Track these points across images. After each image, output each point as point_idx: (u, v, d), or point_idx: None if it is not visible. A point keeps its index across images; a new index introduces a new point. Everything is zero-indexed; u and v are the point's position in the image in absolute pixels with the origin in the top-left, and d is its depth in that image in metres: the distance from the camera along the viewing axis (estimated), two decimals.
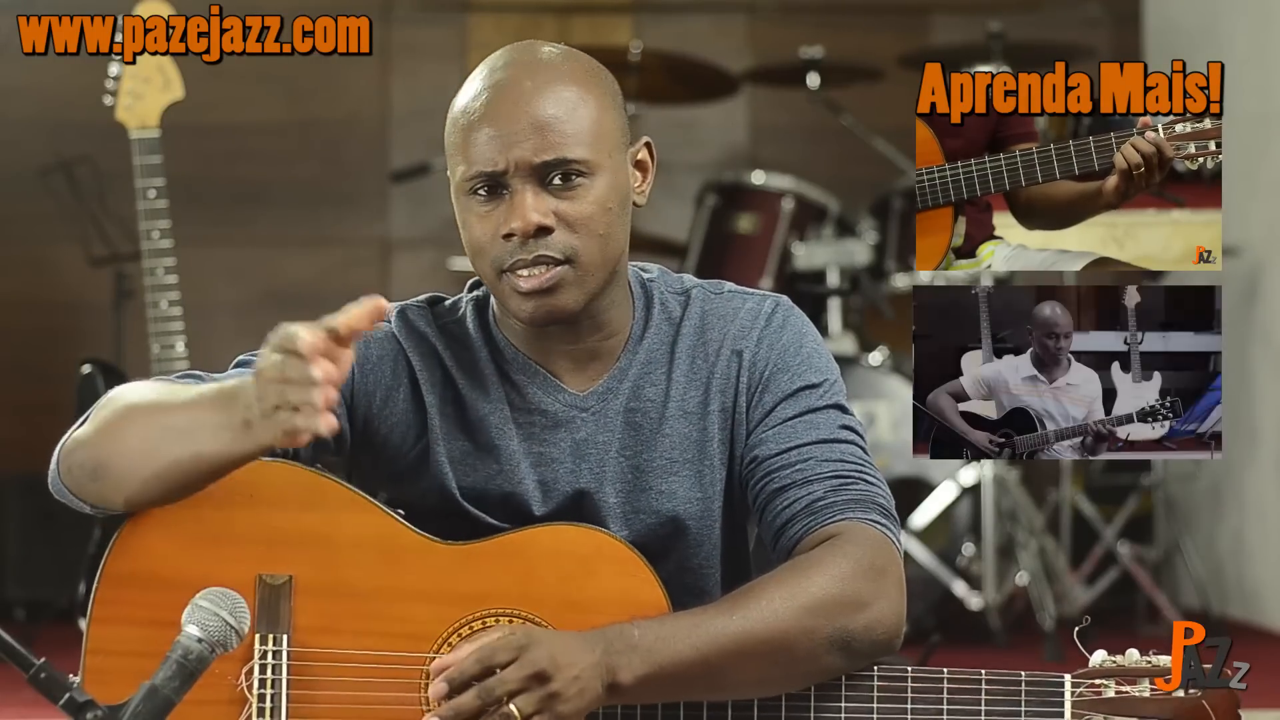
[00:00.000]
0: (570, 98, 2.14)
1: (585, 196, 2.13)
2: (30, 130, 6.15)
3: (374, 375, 2.22)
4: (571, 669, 1.95)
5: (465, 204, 2.16)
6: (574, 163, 2.13)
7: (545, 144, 2.12)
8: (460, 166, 2.15)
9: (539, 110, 2.12)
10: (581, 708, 1.97)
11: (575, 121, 2.14)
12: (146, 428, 2.04)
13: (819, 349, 2.25)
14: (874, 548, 2.09)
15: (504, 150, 2.11)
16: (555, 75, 2.16)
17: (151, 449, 2.03)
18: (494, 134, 2.12)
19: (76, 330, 6.13)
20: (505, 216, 2.12)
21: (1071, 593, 5.22)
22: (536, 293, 2.13)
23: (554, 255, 2.12)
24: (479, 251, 2.16)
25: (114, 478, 2.07)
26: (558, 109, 2.13)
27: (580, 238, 2.13)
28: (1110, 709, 2.04)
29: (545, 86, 2.14)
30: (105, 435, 2.07)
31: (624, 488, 2.21)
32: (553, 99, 2.13)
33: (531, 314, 2.15)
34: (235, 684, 2.07)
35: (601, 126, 2.16)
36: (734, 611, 2.02)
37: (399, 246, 6.44)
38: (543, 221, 2.11)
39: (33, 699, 1.82)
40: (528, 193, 2.12)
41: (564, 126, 2.13)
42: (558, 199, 2.13)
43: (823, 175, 5.73)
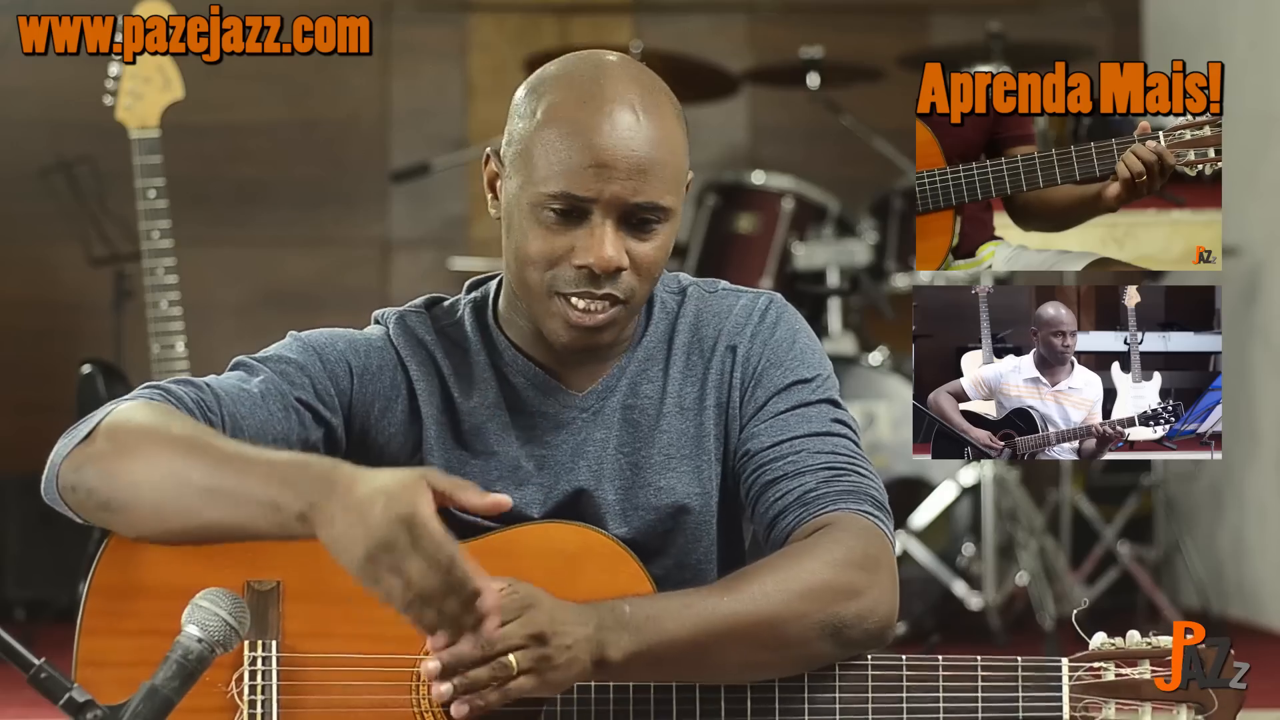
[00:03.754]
0: (669, 140, 2.11)
1: (656, 240, 2.12)
2: (30, 130, 6.15)
3: (373, 385, 2.21)
4: (566, 636, 1.95)
5: (531, 214, 2.10)
6: (661, 209, 2.11)
7: (644, 187, 2.08)
8: (539, 177, 2.09)
9: (642, 149, 2.08)
10: (569, 677, 1.96)
11: (672, 167, 2.11)
12: (183, 483, 1.97)
13: (811, 345, 2.25)
14: (867, 538, 2.09)
15: (602, 183, 2.07)
16: (656, 109, 2.11)
17: (187, 507, 1.97)
18: (593, 162, 2.07)
19: (76, 330, 6.13)
20: (583, 245, 2.08)
21: (1071, 593, 5.22)
22: (585, 327, 2.12)
23: (618, 295, 2.11)
24: (531, 264, 2.11)
25: (132, 519, 2.01)
26: (660, 152, 2.09)
27: (641, 280, 2.12)
28: (1110, 692, 2.03)
29: (648, 122, 2.10)
30: (129, 475, 2.00)
31: (622, 484, 2.21)
32: (655, 139, 2.09)
33: (569, 343, 2.14)
34: (226, 691, 2.07)
35: (683, 169, 2.15)
36: (726, 594, 2.02)
37: (399, 246, 6.44)
38: (622, 263, 2.09)
39: (33, 699, 1.82)
40: (609, 228, 2.08)
41: (663, 172, 2.10)
42: (632, 239, 2.10)
43: (823, 175, 5.73)
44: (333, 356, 2.20)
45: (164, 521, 1.99)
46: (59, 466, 2.05)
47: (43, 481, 2.07)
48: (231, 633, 1.86)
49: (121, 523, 2.03)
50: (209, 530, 1.97)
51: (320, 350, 2.20)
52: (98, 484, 2.02)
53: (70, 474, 2.04)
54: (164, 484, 1.98)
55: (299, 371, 2.17)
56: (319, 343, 2.21)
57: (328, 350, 2.20)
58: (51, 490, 2.06)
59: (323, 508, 1.88)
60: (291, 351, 2.20)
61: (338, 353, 2.20)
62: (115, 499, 2.01)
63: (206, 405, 2.10)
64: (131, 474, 2.00)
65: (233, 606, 1.87)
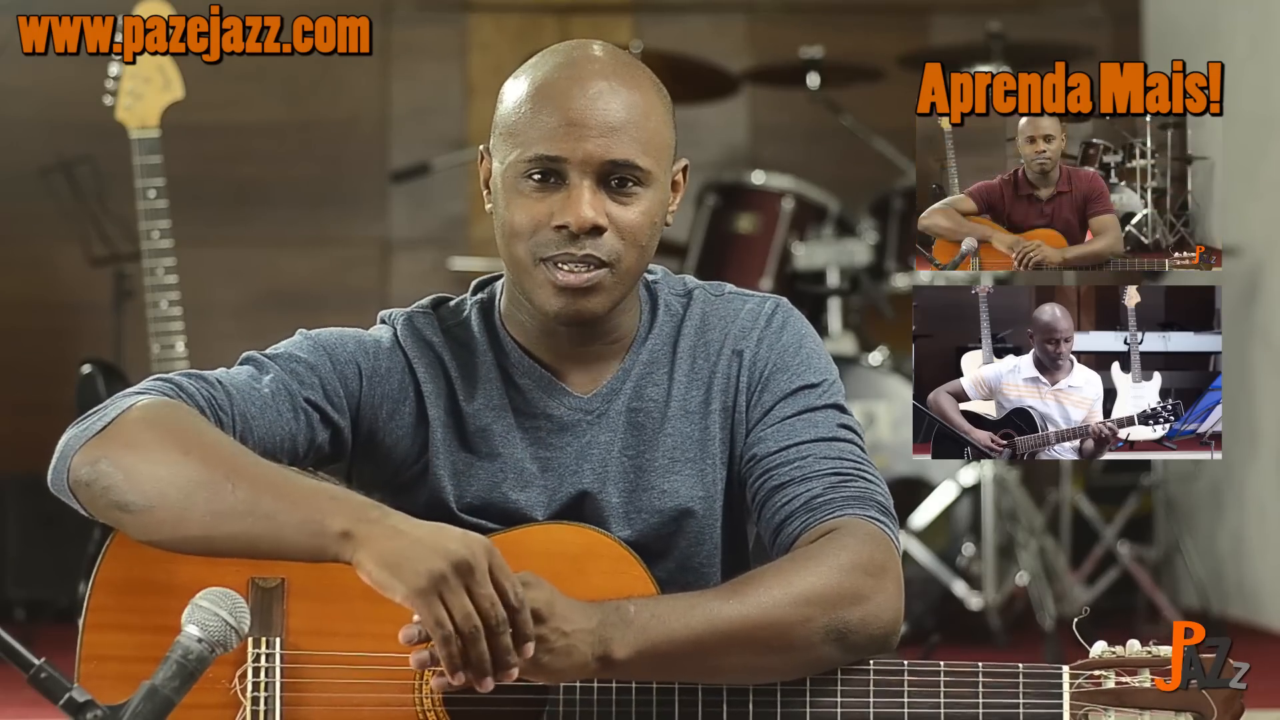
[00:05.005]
0: (643, 105, 2.14)
1: (637, 205, 2.13)
2: (30, 130, 6.15)
3: (381, 388, 2.20)
4: (564, 623, 1.95)
5: (513, 185, 2.13)
6: (637, 169, 2.12)
7: (616, 144, 2.11)
8: (518, 148, 2.13)
9: (615, 110, 2.12)
10: (565, 667, 1.96)
11: (645, 129, 2.13)
12: (215, 492, 1.95)
13: (818, 350, 2.26)
14: (873, 544, 2.09)
15: (575, 140, 2.10)
16: (632, 80, 2.15)
17: (211, 519, 1.95)
18: (565, 122, 2.10)
19: (76, 330, 6.13)
20: (561, 207, 2.11)
21: (1071, 593, 5.22)
22: (572, 290, 2.12)
23: (600, 257, 2.12)
24: (517, 235, 2.14)
25: (147, 522, 1.98)
26: (632, 113, 2.12)
27: (625, 245, 2.13)
28: (1110, 700, 2.04)
29: (623, 88, 2.13)
30: (152, 478, 1.97)
31: (626, 487, 2.21)
32: (629, 102, 2.13)
33: (560, 310, 2.14)
34: (229, 687, 2.07)
35: (663, 140, 2.16)
36: (730, 597, 2.02)
37: (399, 246, 6.44)
38: (599, 221, 2.10)
39: (33, 699, 1.82)
40: (585, 188, 2.10)
41: (636, 132, 2.12)
42: (612, 202, 2.12)
43: (823, 175, 5.73)
44: (343, 357, 2.20)
45: (181, 529, 1.97)
46: (70, 458, 2.02)
47: (50, 472, 2.04)
48: (231, 633, 1.86)
49: (134, 524, 2.00)
50: (229, 543, 1.96)
51: (330, 350, 2.20)
52: (114, 482, 1.99)
53: (84, 468, 2.01)
54: (190, 492, 1.96)
55: (309, 371, 2.17)
56: (329, 343, 2.21)
57: (338, 351, 2.20)
58: (60, 481, 2.03)
59: (379, 523, 1.91)
60: (302, 350, 2.19)
61: (348, 354, 2.20)
62: (134, 501, 1.98)
63: (218, 403, 2.09)
64: (156, 478, 1.98)
65: (233, 607, 1.86)
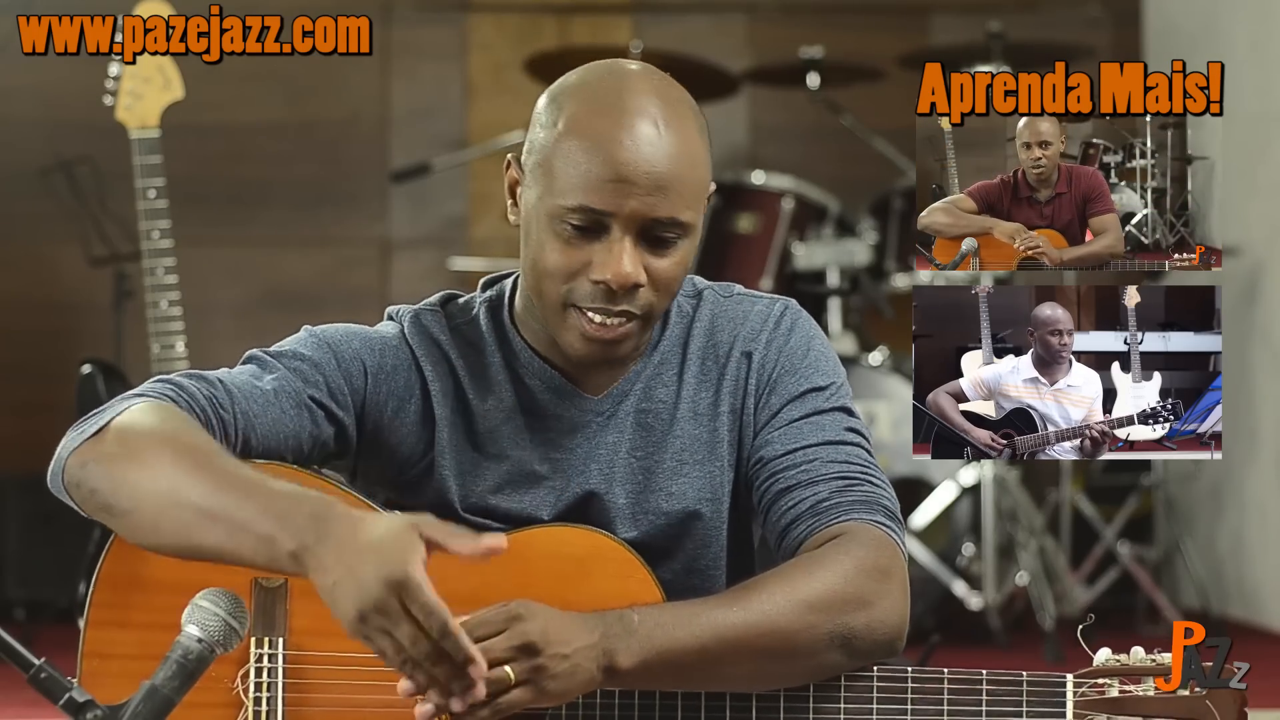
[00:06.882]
0: (689, 154, 2.09)
1: (675, 256, 2.10)
2: (30, 130, 6.15)
3: (387, 385, 2.19)
4: (563, 646, 1.93)
5: (549, 226, 2.08)
6: (680, 225, 2.09)
7: (663, 202, 2.06)
8: (559, 192, 2.07)
9: (666, 166, 2.06)
10: (571, 687, 1.95)
11: (693, 183, 2.09)
12: (182, 502, 1.94)
13: (826, 352, 2.25)
14: (878, 548, 2.09)
15: (621, 197, 2.05)
16: (677, 120, 2.09)
17: (182, 528, 1.94)
18: (613, 176, 2.05)
19: (76, 330, 6.13)
20: (601, 261, 2.07)
21: (1071, 593, 5.22)
22: (602, 341, 2.11)
23: (634, 311, 2.10)
24: (548, 276, 2.10)
25: (129, 526, 1.99)
26: (681, 166, 2.07)
27: (659, 295, 2.11)
28: (1113, 709, 2.04)
29: (669, 133, 2.07)
30: (132, 483, 1.98)
31: (633, 488, 2.20)
32: (676, 153, 2.07)
33: (585, 355, 2.13)
34: (231, 687, 2.07)
35: (703, 184, 2.13)
36: (735, 604, 2.02)
37: (399, 247, 6.44)
38: (639, 279, 2.08)
39: (33, 699, 1.82)
40: (627, 243, 2.06)
41: (684, 187, 2.08)
42: (651, 254, 2.09)
43: (823, 175, 5.73)
44: (348, 354, 2.18)
45: (159, 535, 1.98)
46: (65, 460, 2.03)
47: (49, 473, 2.06)
48: (231, 633, 1.86)
49: (120, 527, 2.02)
50: (201, 552, 1.95)
51: (335, 347, 2.18)
52: (100, 485, 2.00)
53: (76, 470, 2.02)
54: (163, 499, 1.96)
55: (313, 369, 2.16)
56: (334, 339, 2.19)
57: (343, 347, 2.19)
58: (57, 482, 2.05)
59: (316, 553, 1.87)
60: (306, 348, 2.18)
61: (353, 350, 2.19)
62: (117, 505, 1.99)
63: (219, 403, 2.08)
64: (136, 483, 1.98)
65: (232, 607, 1.87)
